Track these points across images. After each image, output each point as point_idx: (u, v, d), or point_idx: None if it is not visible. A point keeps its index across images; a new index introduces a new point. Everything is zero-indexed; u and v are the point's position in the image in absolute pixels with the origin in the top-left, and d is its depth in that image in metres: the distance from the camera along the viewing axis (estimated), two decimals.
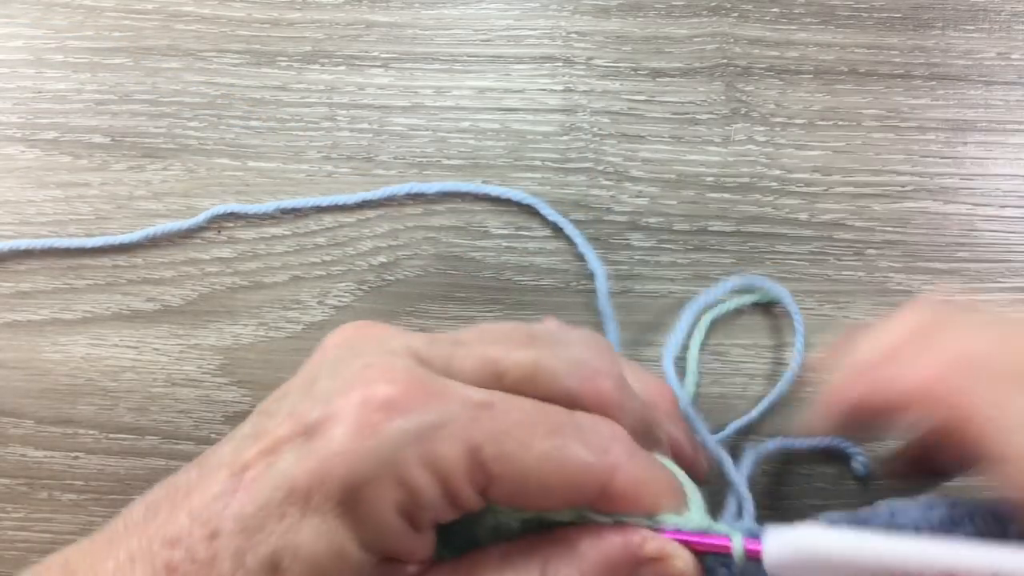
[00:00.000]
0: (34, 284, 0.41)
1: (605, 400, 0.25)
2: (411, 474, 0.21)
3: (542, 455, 0.23)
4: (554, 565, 0.23)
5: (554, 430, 0.23)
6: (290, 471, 0.21)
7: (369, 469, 0.21)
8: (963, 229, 0.41)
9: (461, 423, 0.22)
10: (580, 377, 0.25)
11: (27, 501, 0.40)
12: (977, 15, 0.43)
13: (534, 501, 0.24)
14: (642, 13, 0.43)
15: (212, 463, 0.23)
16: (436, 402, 0.22)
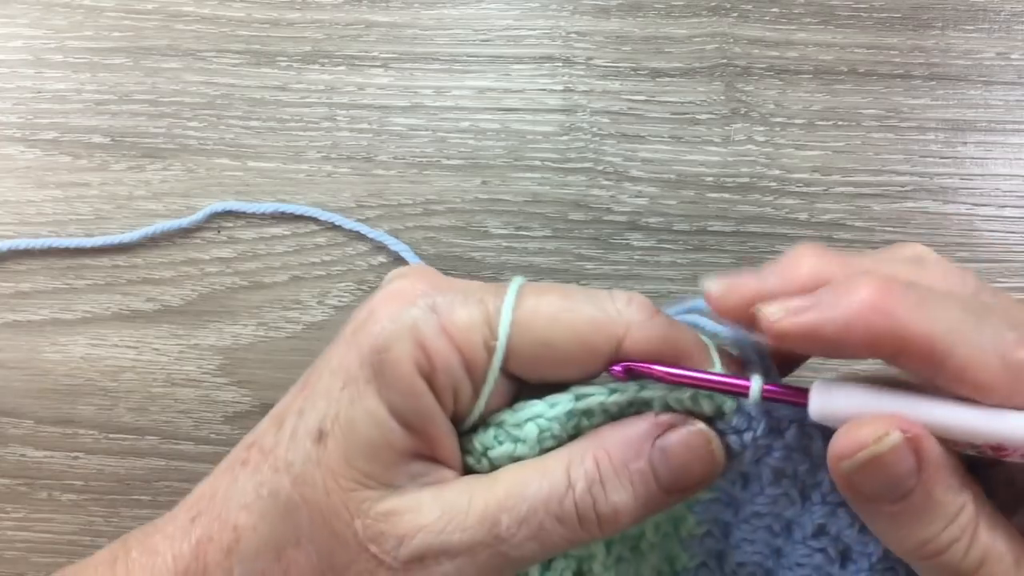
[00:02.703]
0: (34, 284, 0.41)
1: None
2: (428, 336, 0.25)
3: (552, 317, 0.25)
4: (577, 451, 0.25)
5: (567, 295, 0.26)
6: (336, 358, 0.26)
7: (391, 334, 0.25)
8: (963, 229, 0.41)
9: (476, 297, 0.26)
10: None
11: (27, 501, 0.40)
12: (977, 15, 0.43)
13: (552, 367, 0.26)
14: (642, 13, 0.43)
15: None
16: (453, 286, 0.26)
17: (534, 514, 0.24)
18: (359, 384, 0.25)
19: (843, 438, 0.23)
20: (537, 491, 0.25)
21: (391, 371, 0.25)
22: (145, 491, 0.40)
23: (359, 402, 0.25)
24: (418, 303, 0.25)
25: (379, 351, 0.25)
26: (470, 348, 0.25)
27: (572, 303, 0.26)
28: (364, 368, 0.25)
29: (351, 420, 0.25)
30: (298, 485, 0.25)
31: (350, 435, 0.25)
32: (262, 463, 0.26)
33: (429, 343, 0.25)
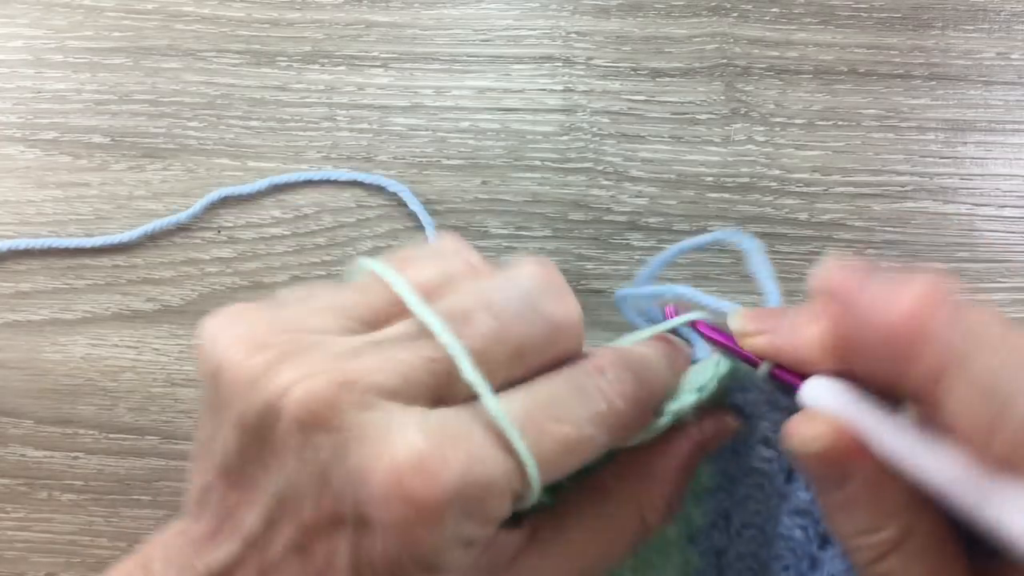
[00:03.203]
0: (34, 284, 0.41)
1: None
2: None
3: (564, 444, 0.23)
4: (647, 498, 0.25)
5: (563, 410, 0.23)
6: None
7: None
8: (963, 229, 0.41)
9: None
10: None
11: (27, 501, 0.40)
12: (977, 15, 0.43)
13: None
14: (642, 13, 0.43)
15: None
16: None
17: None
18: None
19: (792, 423, 0.23)
20: (610, 540, 0.25)
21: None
22: (145, 491, 0.40)
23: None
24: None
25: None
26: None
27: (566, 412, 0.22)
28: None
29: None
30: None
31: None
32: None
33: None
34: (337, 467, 0.20)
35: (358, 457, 0.19)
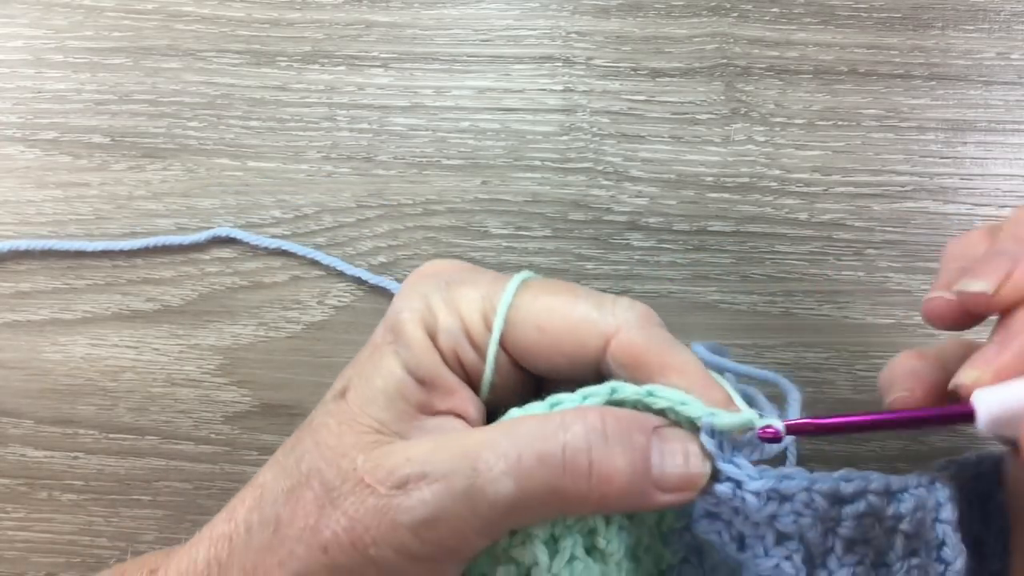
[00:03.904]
0: (34, 284, 0.41)
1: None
2: (434, 303, 0.28)
3: (549, 305, 0.28)
4: (582, 408, 0.26)
5: (571, 292, 0.28)
6: (374, 335, 0.29)
7: (406, 302, 0.28)
8: (963, 229, 0.41)
9: (487, 280, 0.29)
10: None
11: (27, 501, 0.40)
12: (977, 15, 0.43)
13: (545, 354, 0.27)
14: (642, 13, 0.43)
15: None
16: (474, 271, 0.30)
17: (514, 448, 0.24)
18: (381, 347, 0.28)
19: None
20: (524, 430, 0.25)
21: (402, 329, 0.27)
22: (145, 491, 0.40)
23: (378, 361, 0.28)
24: (435, 279, 0.29)
25: (395, 313, 0.28)
26: (470, 318, 0.28)
27: (572, 298, 0.28)
28: (385, 334, 0.28)
29: (369, 375, 0.27)
30: (313, 432, 0.27)
31: (367, 387, 0.27)
32: (297, 432, 0.29)
33: (434, 307, 0.28)
34: None
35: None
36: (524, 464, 0.24)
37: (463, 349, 0.28)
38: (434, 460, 0.25)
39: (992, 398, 0.23)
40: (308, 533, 0.26)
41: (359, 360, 0.29)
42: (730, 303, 0.40)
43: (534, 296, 0.28)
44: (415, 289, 0.29)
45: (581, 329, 0.27)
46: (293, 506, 0.26)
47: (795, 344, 0.40)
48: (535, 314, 0.28)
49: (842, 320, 0.40)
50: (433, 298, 0.28)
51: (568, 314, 0.27)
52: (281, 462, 0.28)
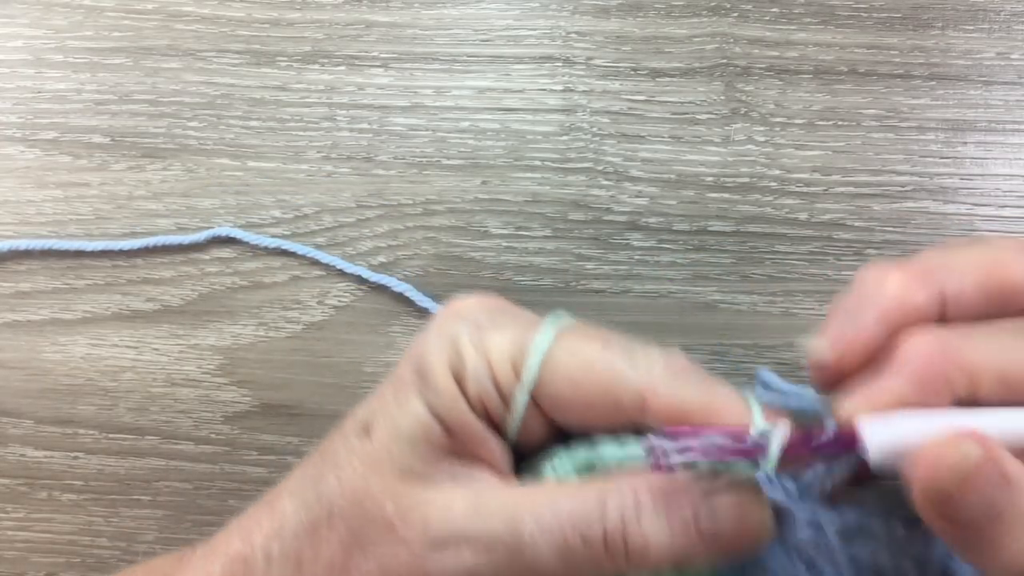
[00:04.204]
0: (34, 284, 0.41)
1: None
2: (463, 345, 0.27)
3: (583, 361, 0.26)
4: (615, 483, 0.26)
5: (606, 345, 0.27)
6: (396, 369, 0.28)
7: (433, 342, 0.27)
8: (963, 229, 0.41)
9: (521, 324, 0.27)
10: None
11: (27, 501, 0.40)
12: (977, 15, 0.43)
13: (577, 409, 0.26)
14: (642, 13, 0.43)
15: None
16: (506, 311, 0.28)
17: (559, 526, 0.25)
18: (406, 387, 0.27)
19: (926, 468, 0.22)
20: (567, 506, 0.25)
21: (429, 371, 0.27)
22: (145, 491, 0.40)
23: (404, 402, 0.27)
24: (464, 319, 0.28)
25: (422, 354, 0.27)
26: (499, 366, 0.26)
27: (608, 353, 0.26)
28: (411, 373, 0.27)
29: (395, 416, 0.27)
30: (337, 470, 0.27)
31: (393, 429, 0.26)
32: (318, 459, 0.28)
33: (462, 350, 0.27)
34: None
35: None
36: (568, 543, 0.25)
37: (489, 397, 0.27)
38: (476, 523, 0.25)
39: (883, 432, 0.22)
40: (335, 574, 0.26)
41: (383, 396, 0.28)
42: (730, 303, 0.40)
43: (567, 348, 0.27)
44: (443, 329, 0.28)
45: (616, 388, 0.26)
46: (317, 545, 0.26)
47: (795, 344, 0.40)
48: (568, 368, 0.26)
49: None
50: (461, 340, 0.27)
51: (603, 371, 0.26)
52: (301, 495, 0.27)
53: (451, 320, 0.28)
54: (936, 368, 0.23)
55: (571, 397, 0.26)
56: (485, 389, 0.26)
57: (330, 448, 0.28)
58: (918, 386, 0.23)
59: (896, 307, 0.24)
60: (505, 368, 0.26)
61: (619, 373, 0.26)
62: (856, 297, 0.24)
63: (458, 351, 0.27)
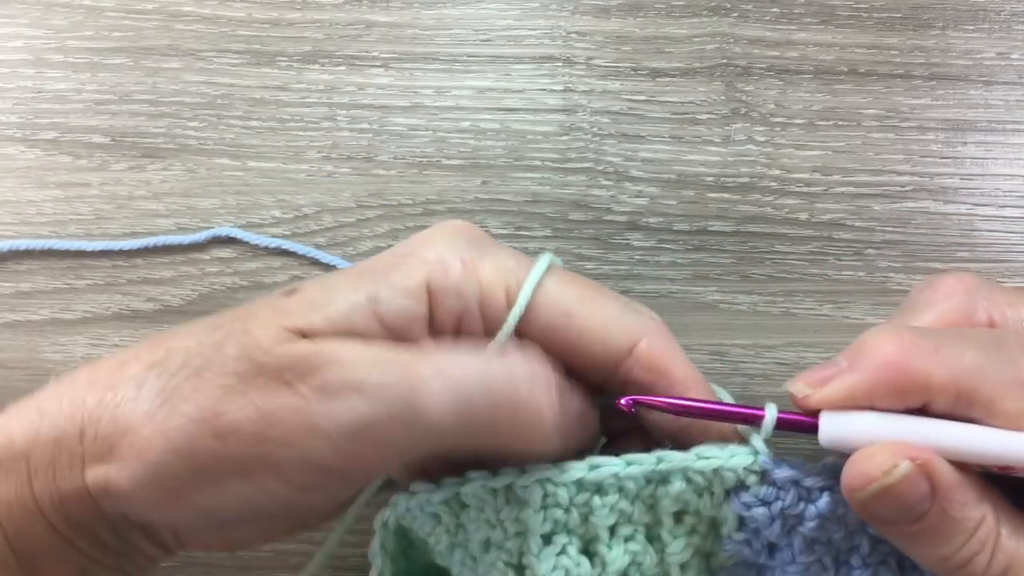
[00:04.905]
0: (34, 284, 0.41)
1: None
2: (450, 263, 0.26)
3: (579, 295, 0.26)
4: (520, 364, 0.25)
5: (597, 287, 0.27)
6: (363, 265, 0.27)
7: (417, 248, 0.26)
8: (963, 229, 0.41)
9: (508, 255, 0.27)
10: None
11: None
12: (977, 15, 0.43)
13: (566, 343, 0.26)
14: (642, 13, 0.43)
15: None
16: (489, 240, 0.27)
17: (457, 371, 0.24)
18: (356, 274, 0.26)
19: (853, 471, 0.23)
20: (471, 362, 0.24)
21: (401, 273, 0.25)
22: None
23: (348, 285, 0.25)
24: (457, 235, 0.27)
25: (401, 256, 0.26)
26: (491, 287, 0.26)
27: (600, 294, 0.27)
28: (374, 268, 0.26)
29: (330, 289, 0.25)
30: (242, 321, 0.25)
31: (319, 297, 0.25)
32: (231, 313, 0.27)
33: (450, 266, 0.25)
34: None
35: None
36: (466, 389, 0.24)
37: (470, 318, 0.26)
38: (372, 371, 0.24)
39: (837, 425, 0.24)
40: (204, 413, 0.24)
41: (331, 276, 0.26)
42: (730, 303, 0.40)
43: (563, 283, 0.27)
44: (432, 241, 0.26)
45: (610, 326, 0.26)
46: (195, 383, 0.24)
47: (795, 344, 0.40)
48: (564, 300, 0.26)
49: (842, 320, 0.40)
50: (450, 256, 0.26)
51: (599, 308, 0.26)
52: (196, 335, 0.26)
53: (442, 234, 0.27)
54: (893, 377, 0.23)
55: (565, 327, 0.26)
56: (467, 308, 0.25)
57: (249, 305, 0.27)
58: (870, 389, 0.24)
59: (880, 374, 0.24)
60: (497, 293, 0.26)
61: (615, 314, 0.26)
62: (851, 353, 0.25)
63: (443, 264, 0.26)
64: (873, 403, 0.24)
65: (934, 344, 0.24)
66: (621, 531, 0.27)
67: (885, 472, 0.23)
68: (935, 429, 0.23)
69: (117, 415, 0.24)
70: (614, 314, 0.26)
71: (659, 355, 0.26)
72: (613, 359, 0.26)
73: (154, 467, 0.24)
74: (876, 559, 0.26)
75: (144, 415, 0.24)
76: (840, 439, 0.24)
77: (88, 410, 0.25)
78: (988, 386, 0.23)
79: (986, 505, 0.23)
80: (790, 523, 0.26)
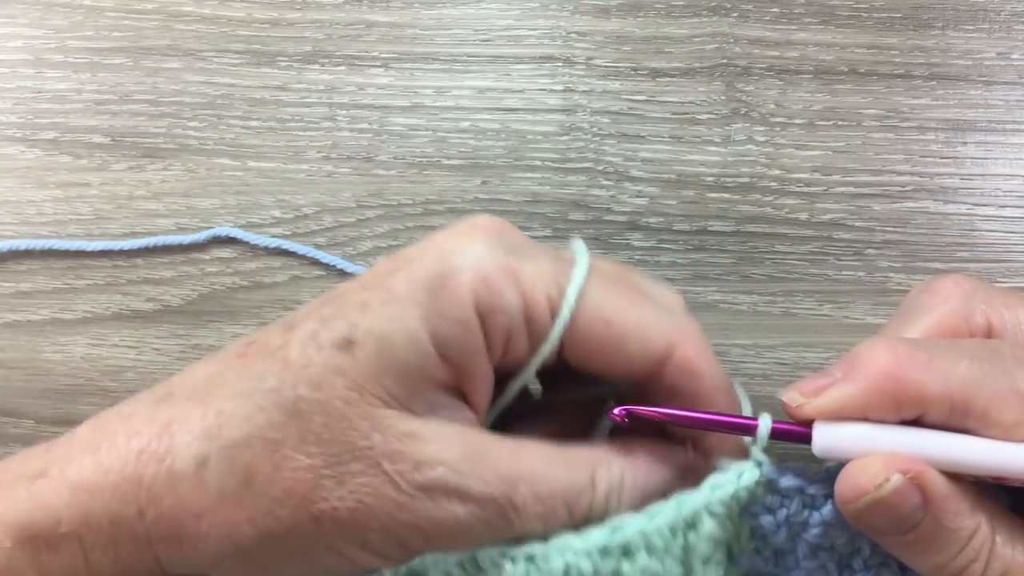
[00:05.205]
0: (34, 284, 0.41)
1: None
2: (494, 273, 0.24)
3: (619, 299, 0.25)
4: (606, 455, 0.26)
5: (633, 283, 0.26)
6: (378, 278, 0.25)
7: (457, 261, 0.24)
8: (963, 229, 0.41)
9: (550, 254, 0.26)
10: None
11: None
12: (977, 15, 0.43)
13: (605, 350, 0.25)
14: (642, 13, 0.43)
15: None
16: (523, 239, 0.26)
17: (552, 498, 0.24)
18: (404, 303, 0.24)
19: (846, 483, 0.23)
20: (560, 478, 0.25)
21: (448, 297, 0.24)
22: None
23: (399, 319, 0.24)
24: (490, 241, 0.25)
25: (441, 275, 0.24)
26: (534, 298, 0.24)
27: (637, 294, 0.26)
28: (416, 291, 0.24)
29: (387, 336, 0.23)
30: (312, 387, 0.23)
31: (384, 350, 0.23)
32: (266, 359, 0.24)
33: (494, 280, 0.24)
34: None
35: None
36: (557, 515, 0.25)
37: (517, 334, 0.25)
38: (470, 478, 0.24)
39: (831, 435, 0.24)
40: (297, 500, 0.23)
41: (367, 306, 0.24)
42: (730, 303, 0.40)
43: (603, 287, 0.26)
44: (471, 246, 0.25)
45: (649, 332, 0.25)
46: (277, 464, 0.23)
47: (795, 344, 0.40)
48: (605, 308, 0.25)
49: (842, 320, 0.40)
50: (492, 265, 0.24)
51: (638, 314, 0.25)
52: (252, 398, 0.24)
53: (478, 235, 0.25)
54: (888, 388, 0.23)
55: (603, 335, 0.25)
56: (515, 326, 0.24)
57: (292, 354, 0.24)
58: (864, 400, 0.24)
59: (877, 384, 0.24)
60: (542, 305, 0.24)
61: (653, 319, 0.26)
62: (845, 363, 0.25)
63: (487, 279, 0.24)
64: (867, 414, 0.24)
65: (928, 355, 0.24)
66: None
67: (877, 485, 0.23)
68: (928, 440, 0.23)
69: (181, 496, 0.23)
70: (652, 320, 0.26)
71: (696, 362, 0.26)
72: (651, 366, 0.26)
73: (244, 551, 0.23)
74: (877, 560, 0.26)
75: (218, 498, 0.23)
76: (833, 449, 0.24)
77: (144, 487, 0.23)
78: (983, 397, 0.23)
79: (980, 514, 0.23)
80: (795, 529, 0.26)
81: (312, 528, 0.23)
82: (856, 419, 0.24)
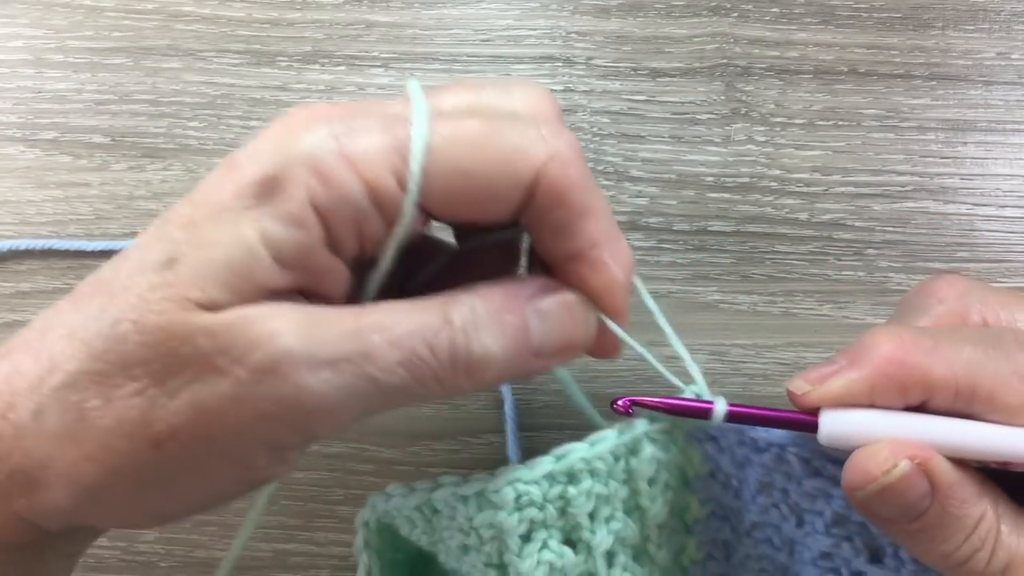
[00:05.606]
0: (34, 284, 0.41)
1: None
2: (326, 165, 0.22)
3: (471, 141, 0.23)
4: (452, 295, 0.24)
5: (489, 118, 0.23)
6: (204, 192, 0.23)
7: (282, 161, 0.22)
8: (963, 229, 0.41)
9: (380, 121, 0.23)
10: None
11: None
12: (977, 15, 0.43)
13: (470, 202, 0.23)
14: (642, 13, 0.43)
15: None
16: (351, 110, 0.23)
17: (408, 338, 0.22)
18: (231, 213, 0.22)
19: (854, 470, 0.23)
20: (413, 320, 0.23)
21: (279, 199, 0.22)
22: None
23: (226, 230, 0.22)
24: (314, 129, 0.23)
25: (267, 179, 0.22)
26: (377, 178, 0.22)
27: (492, 125, 0.23)
28: (243, 199, 0.22)
29: (210, 245, 0.22)
30: (130, 309, 0.22)
31: (205, 259, 0.22)
32: (96, 294, 0.23)
33: (327, 171, 0.22)
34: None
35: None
36: (417, 355, 0.23)
37: (368, 219, 0.23)
38: (315, 341, 0.22)
39: (837, 422, 0.24)
40: (132, 427, 0.22)
41: (193, 221, 0.22)
42: (730, 303, 0.40)
43: (451, 137, 0.23)
44: (298, 139, 0.23)
45: (513, 164, 0.23)
46: (107, 395, 0.22)
47: (795, 344, 0.40)
48: (458, 159, 0.23)
49: (842, 320, 0.40)
50: (322, 156, 0.22)
51: (496, 148, 0.23)
52: (80, 337, 0.23)
53: (296, 133, 0.23)
54: (893, 373, 0.23)
55: (464, 187, 0.23)
56: (364, 215, 0.23)
57: (118, 282, 0.23)
58: (870, 385, 0.24)
59: (881, 371, 0.24)
60: (387, 182, 0.22)
61: (515, 148, 0.23)
62: (850, 352, 0.25)
63: (320, 172, 0.22)
64: (873, 400, 0.24)
65: (933, 341, 0.24)
66: (601, 513, 0.27)
67: (884, 471, 0.23)
68: (933, 426, 0.23)
69: (26, 447, 0.22)
70: (511, 150, 0.23)
71: (559, 184, 0.23)
72: (518, 198, 0.23)
73: (92, 492, 0.22)
74: (842, 532, 0.26)
75: (56, 442, 0.22)
76: (840, 437, 0.24)
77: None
78: (987, 380, 0.23)
79: (986, 502, 0.23)
80: (741, 460, 0.27)
81: (155, 455, 0.22)
82: (862, 406, 0.24)
